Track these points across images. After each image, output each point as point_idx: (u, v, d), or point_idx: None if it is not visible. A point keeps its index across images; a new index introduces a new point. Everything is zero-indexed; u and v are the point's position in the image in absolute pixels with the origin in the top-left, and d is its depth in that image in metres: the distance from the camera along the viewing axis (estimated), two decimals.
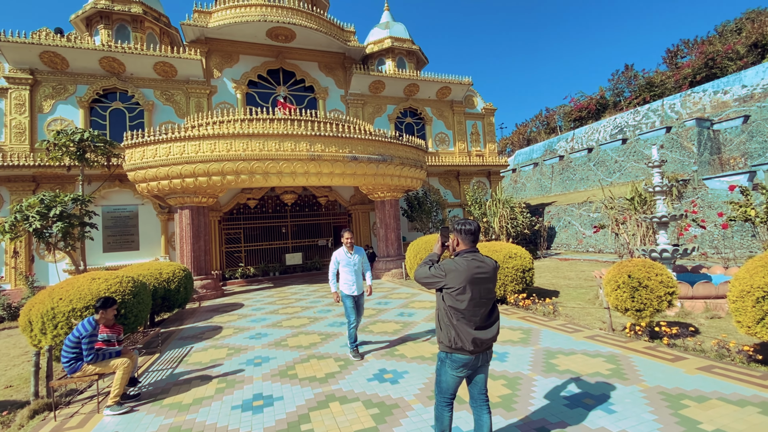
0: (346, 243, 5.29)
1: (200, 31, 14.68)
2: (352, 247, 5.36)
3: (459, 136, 19.58)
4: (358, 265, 5.35)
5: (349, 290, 5.25)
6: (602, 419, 3.09)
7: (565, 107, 37.47)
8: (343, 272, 5.28)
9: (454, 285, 2.34)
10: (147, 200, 13.83)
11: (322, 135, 11.16)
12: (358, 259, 5.35)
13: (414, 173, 13.45)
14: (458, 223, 2.55)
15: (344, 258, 5.29)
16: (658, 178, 7.87)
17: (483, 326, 2.39)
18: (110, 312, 4.14)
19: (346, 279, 5.27)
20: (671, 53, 30.12)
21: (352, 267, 5.27)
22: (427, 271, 2.47)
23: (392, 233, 13.89)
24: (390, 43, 18.86)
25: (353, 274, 5.27)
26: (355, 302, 5.29)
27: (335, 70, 17.29)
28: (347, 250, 5.31)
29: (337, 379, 4.37)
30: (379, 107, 18.01)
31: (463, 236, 2.51)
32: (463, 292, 2.33)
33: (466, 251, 2.49)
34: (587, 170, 25.96)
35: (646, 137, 22.79)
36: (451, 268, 2.38)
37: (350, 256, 5.30)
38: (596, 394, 3.55)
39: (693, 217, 13.39)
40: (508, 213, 16.79)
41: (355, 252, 5.36)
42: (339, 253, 5.32)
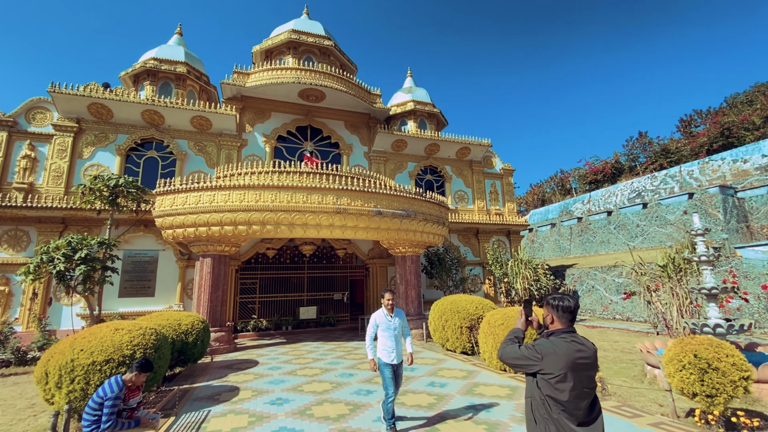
0: (386, 305, 4.91)
1: (237, 89, 15.66)
2: (393, 310, 4.96)
3: (478, 194, 19.71)
4: (399, 329, 4.93)
5: (388, 358, 4.75)
6: None
7: (580, 170, 38.00)
8: (382, 337, 4.84)
9: (553, 371, 2.05)
10: (168, 246, 13.85)
11: (349, 189, 11.28)
12: (398, 323, 4.93)
13: (436, 229, 13.32)
14: (554, 298, 2.31)
15: (384, 321, 4.87)
16: (702, 247, 7.54)
17: (586, 421, 2.06)
18: (143, 377, 3.84)
19: (385, 345, 4.80)
20: (685, 122, 30.92)
21: (392, 332, 4.84)
22: (517, 351, 2.19)
23: (413, 290, 13.44)
24: (412, 105, 19.79)
25: (393, 339, 4.82)
26: (393, 372, 4.78)
27: (360, 129, 18.01)
28: (387, 312, 4.92)
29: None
30: (400, 164, 18.43)
31: (561, 313, 2.26)
32: (563, 380, 2.04)
33: (564, 331, 2.22)
34: (607, 233, 25.55)
35: (667, 202, 22.60)
36: (548, 350, 2.10)
37: (391, 319, 4.89)
38: None
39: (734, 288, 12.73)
40: (531, 274, 16.28)
41: (395, 315, 4.96)
42: (378, 315, 4.92)
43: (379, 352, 4.82)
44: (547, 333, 2.29)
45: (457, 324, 9.88)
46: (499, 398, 6.00)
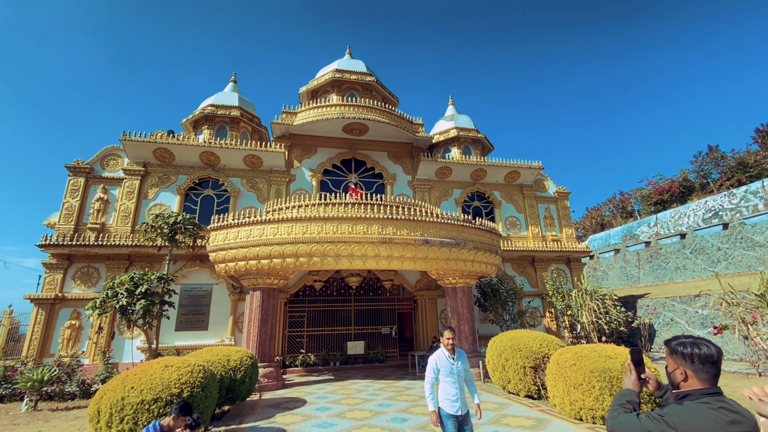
0: (446, 345, 4.18)
1: (285, 128, 16.38)
2: (454, 351, 4.21)
3: (531, 219, 18.61)
4: (462, 374, 4.19)
5: (452, 408, 3.99)
6: None
7: (643, 190, 35.08)
8: (444, 384, 4.09)
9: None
10: (222, 280, 14.24)
11: (394, 218, 11.00)
12: (462, 366, 4.18)
13: (488, 258, 12.53)
14: (684, 344, 1.69)
15: (446, 364, 4.11)
16: None
17: None
18: (182, 421, 3.62)
19: (447, 393, 4.05)
20: (762, 133, 27.76)
21: (455, 377, 4.08)
22: (637, 422, 1.58)
23: (466, 325, 12.56)
24: (455, 132, 19.54)
25: (457, 386, 4.07)
26: (459, 425, 4.00)
27: (403, 158, 17.97)
28: (449, 354, 4.17)
29: None
30: (445, 191, 18.00)
31: (699, 366, 1.63)
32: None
33: (706, 393, 1.60)
34: (683, 258, 22.89)
35: (752, 221, 19.93)
36: (686, 423, 1.49)
37: (453, 362, 4.13)
38: None
39: None
40: (598, 306, 14.71)
41: (457, 357, 4.20)
42: (439, 357, 4.17)
43: (441, 401, 4.09)
44: (677, 395, 1.69)
45: (520, 364, 8.91)
46: None
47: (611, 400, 6.33)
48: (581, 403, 6.68)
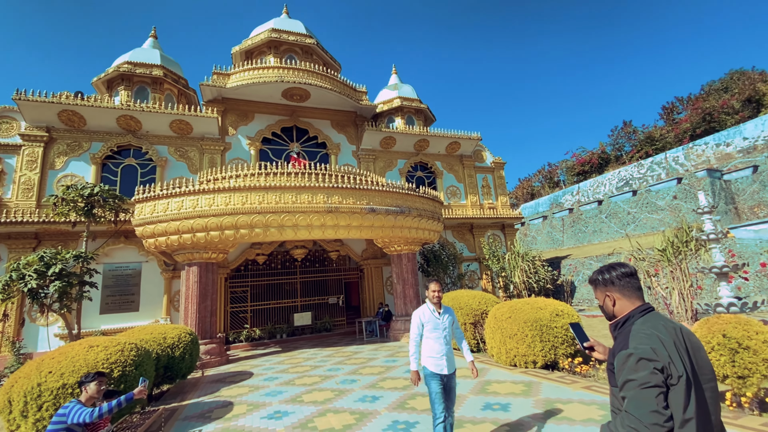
0: (432, 298, 3.78)
1: (218, 91, 15.07)
2: (440, 304, 3.85)
3: (470, 189, 19.43)
4: (449, 329, 3.84)
5: (436, 366, 3.64)
6: None
7: (567, 162, 38.22)
8: (429, 340, 3.73)
9: (675, 371, 1.41)
10: (152, 257, 13.16)
11: (340, 187, 10.83)
12: (449, 320, 3.84)
13: (431, 225, 12.94)
14: (602, 272, 1.74)
15: (431, 319, 3.75)
16: (710, 225, 7.32)
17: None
18: (95, 387, 3.35)
19: (432, 350, 3.70)
20: (667, 109, 31.32)
21: (441, 332, 3.74)
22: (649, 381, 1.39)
23: (410, 289, 13.02)
24: (399, 102, 19.44)
25: (444, 342, 3.72)
26: (443, 385, 3.65)
27: (347, 128, 17.57)
28: (435, 307, 3.80)
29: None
30: (390, 162, 18.04)
31: (621, 284, 1.66)
32: (688, 386, 1.41)
33: (643, 309, 1.62)
34: (599, 222, 25.59)
35: (656, 188, 22.71)
36: (649, 339, 1.45)
37: (439, 316, 3.77)
38: None
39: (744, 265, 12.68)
40: (528, 267, 16.03)
41: (444, 311, 3.84)
42: (423, 312, 3.80)
43: (425, 359, 3.74)
44: (616, 325, 1.68)
45: (461, 321, 9.48)
46: (515, 395, 5.62)
47: (542, 346, 7.04)
48: (515, 350, 7.33)
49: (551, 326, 7.05)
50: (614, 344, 1.64)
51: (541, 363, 7.08)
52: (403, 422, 4.90)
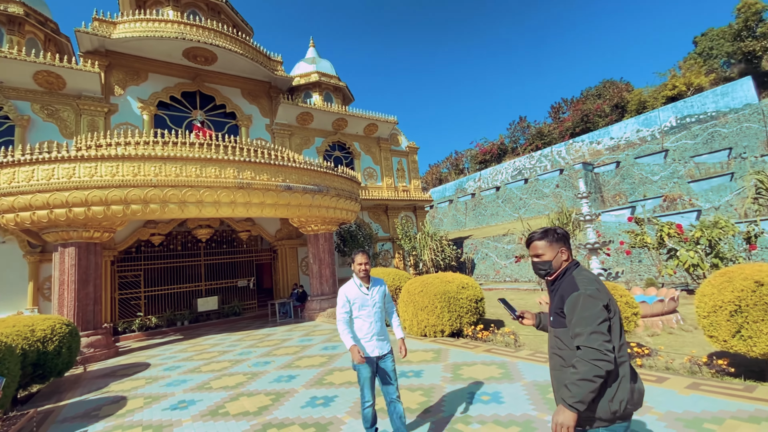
0: (359, 271, 3.28)
1: (99, 41, 12.71)
2: (369, 278, 3.35)
3: (386, 171, 19.86)
4: (381, 304, 3.36)
5: (366, 349, 3.21)
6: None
7: (472, 151, 41.40)
8: (357, 320, 3.28)
9: (612, 308, 1.76)
10: (11, 237, 10.84)
11: (253, 161, 10.14)
12: (380, 294, 3.35)
13: (349, 205, 12.96)
14: (556, 230, 1.99)
15: (359, 296, 3.26)
16: (586, 208, 8.63)
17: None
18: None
19: (360, 331, 3.25)
20: (555, 109, 35.76)
21: (371, 308, 3.27)
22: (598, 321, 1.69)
23: (327, 269, 12.96)
24: (317, 77, 18.76)
25: (374, 320, 3.26)
26: (374, 369, 3.25)
27: (260, 99, 16.40)
28: (362, 282, 3.31)
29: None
30: (307, 139, 17.44)
31: (568, 242, 1.98)
32: (618, 319, 1.77)
33: (576, 262, 1.95)
34: (496, 207, 28.42)
35: (543, 178, 25.97)
36: (592, 281, 1.79)
37: (367, 291, 3.29)
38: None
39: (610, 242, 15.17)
40: (437, 246, 17.14)
41: (373, 284, 3.35)
42: (349, 289, 3.31)
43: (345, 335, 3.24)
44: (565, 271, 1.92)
45: None
46: (426, 362, 6.02)
47: (449, 316, 7.64)
48: (426, 321, 7.83)
49: (458, 298, 7.67)
50: (557, 293, 1.91)
51: (449, 332, 7.70)
52: (321, 397, 4.91)
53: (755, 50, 23.75)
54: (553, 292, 1.96)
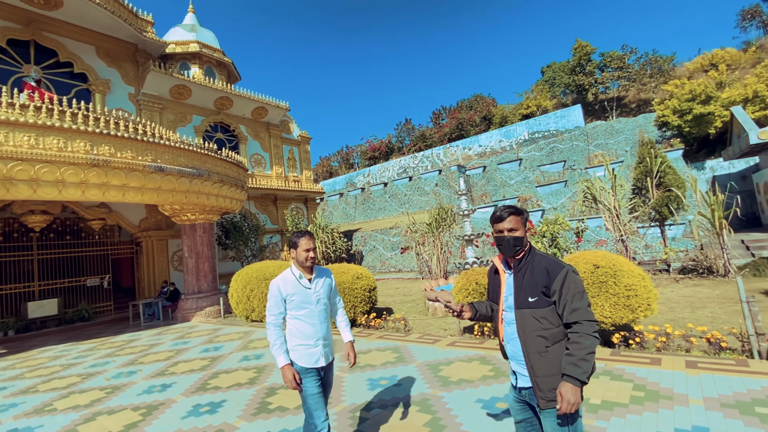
0: (304, 260, 2.56)
1: None
2: (312, 269, 2.64)
3: (276, 159, 18.86)
4: (326, 300, 2.69)
5: (309, 359, 2.52)
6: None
7: (362, 147, 42.33)
8: (297, 321, 2.56)
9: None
10: None
11: (113, 135, 8.46)
12: (325, 289, 2.68)
13: (234, 193, 11.90)
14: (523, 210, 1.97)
15: (299, 290, 2.55)
16: (465, 204, 9.64)
17: None
18: None
19: (301, 335, 2.54)
20: (436, 115, 39.02)
21: (315, 307, 2.59)
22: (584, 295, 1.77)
23: (206, 263, 11.68)
24: (197, 48, 16.64)
25: (317, 321, 2.58)
26: (322, 382, 2.59)
27: (122, 62, 13.75)
28: (303, 272, 2.60)
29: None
30: (183, 116, 15.34)
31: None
32: None
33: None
34: (384, 201, 29.73)
35: (425, 177, 28.16)
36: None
37: (309, 284, 2.59)
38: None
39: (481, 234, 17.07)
40: (328, 238, 17.07)
41: (317, 275, 2.65)
42: (284, 282, 2.56)
43: (292, 350, 2.55)
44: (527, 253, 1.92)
45: (265, 292, 9.21)
46: None
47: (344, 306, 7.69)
48: None
49: (353, 288, 7.76)
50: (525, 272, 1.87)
51: None
52: (206, 404, 4.40)
53: (584, 84, 29.87)
54: (519, 271, 1.90)
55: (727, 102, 18.09)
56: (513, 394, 2.02)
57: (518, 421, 2.00)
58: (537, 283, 1.81)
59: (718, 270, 9.11)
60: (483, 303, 2.16)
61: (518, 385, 1.93)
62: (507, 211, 1.91)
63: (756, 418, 2.78)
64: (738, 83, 19.78)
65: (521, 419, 1.98)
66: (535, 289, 1.81)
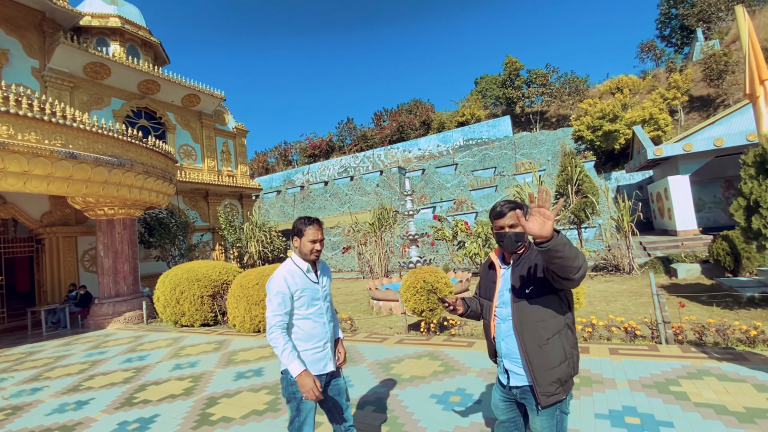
0: (309, 252, 2.26)
1: None
2: (317, 262, 2.37)
3: (208, 152, 17.58)
4: (330, 300, 2.46)
5: (316, 364, 2.23)
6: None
7: (301, 143, 41.22)
8: (304, 322, 2.25)
9: None
10: None
11: (12, 113, 7.25)
12: (329, 285, 2.46)
13: (161, 187, 10.88)
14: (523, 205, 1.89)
15: (307, 285, 2.25)
16: (410, 204, 9.85)
17: None
18: None
19: (309, 338, 2.25)
20: (378, 116, 39.36)
21: (323, 303, 2.34)
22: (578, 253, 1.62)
23: (126, 264, 10.50)
24: (119, 23, 14.91)
25: (326, 320, 2.33)
26: (329, 391, 2.32)
27: (24, 31, 11.81)
28: (309, 266, 2.31)
29: None
30: (99, 98, 13.61)
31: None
32: None
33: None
34: (325, 200, 29.27)
35: (366, 177, 28.27)
36: None
37: (317, 279, 2.33)
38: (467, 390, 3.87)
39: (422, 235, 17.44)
40: (266, 237, 16.34)
41: (322, 272, 2.40)
42: (292, 274, 2.24)
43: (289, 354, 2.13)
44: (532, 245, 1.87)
45: (197, 294, 8.57)
46: (266, 359, 5.66)
47: None
48: (261, 316, 7.34)
49: None
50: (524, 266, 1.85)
51: None
52: (135, 420, 3.94)
53: (513, 97, 32.28)
54: (517, 265, 1.89)
55: (629, 122, 20.80)
56: (500, 394, 1.98)
57: (502, 421, 1.99)
58: (535, 273, 1.80)
59: (624, 268, 10.42)
60: (473, 299, 2.12)
61: (510, 384, 1.87)
62: (508, 206, 1.85)
63: (671, 395, 3.23)
64: (638, 106, 22.85)
65: (505, 419, 1.97)
66: (534, 279, 1.79)
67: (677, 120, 24.17)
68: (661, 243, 13.69)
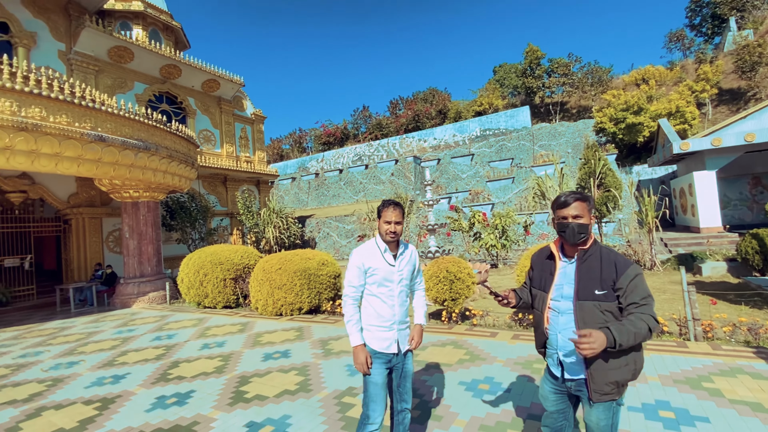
0: (385, 233, 2.30)
1: None
2: (398, 244, 2.38)
3: (227, 137, 17.75)
4: (408, 281, 2.42)
5: (381, 342, 2.30)
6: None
7: (316, 131, 41.21)
8: (374, 299, 2.33)
9: None
10: None
11: (45, 96, 7.43)
12: (408, 268, 2.41)
13: (184, 171, 11.07)
14: (589, 196, 1.89)
15: (381, 266, 2.31)
16: (430, 194, 9.82)
17: None
18: None
19: (377, 316, 2.32)
20: (393, 104, 39.04)
21: (396, 286, 2.34)
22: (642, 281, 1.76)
23: (150, 246, 10.78)
24: (141, 6, 15.01)
25: (397, 303, 2.34)
26: (389, 371, 2.37)
27: (51, 13, 11.98)
28: (387, 247, 2.34)
29: None
30: (123, 82, 13.81)
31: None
32: None
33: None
34: (339, 188, 29.37)
35: (381, 166, 28.21)
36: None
37: (394, 262, 2.33)
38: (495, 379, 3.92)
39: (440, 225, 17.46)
40: (282, 223, 16.54)
41: (402, 254, 2.38)
42: (368, 253, 2.34)
43: (365, 329, 2.33)
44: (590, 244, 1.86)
45: (220, 277, 8.76)
46: (291, 342, 5.79)
47: (309, 293, 7.52)
48: (283, 300, 7.50)
49: (318, 274, 7.63)
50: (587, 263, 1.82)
51: (306, 309, 7.59)
52: (172, 395, 4.10)
53: (533, 87, 31.58)
54: (584, 262, 1.82)
55: (654, 114, 20.21)
56: (550, 386, 1.98)
57: (551, 412, 2.01)
58: (605, 276, 1.74)
59: (645, 264, 10.26)
60: (523, 290, 2.11)
61: (566, 377, 1.86)
62: (573, 196, 1.82)
63: (705, 391, 3.21)
64: (664, 98, 22.14)
65: (555, 410, 1.99)
66: (604, 283, 1.74)
67: (704, 113, 23.41)
68: (682, 240, 13.42)
